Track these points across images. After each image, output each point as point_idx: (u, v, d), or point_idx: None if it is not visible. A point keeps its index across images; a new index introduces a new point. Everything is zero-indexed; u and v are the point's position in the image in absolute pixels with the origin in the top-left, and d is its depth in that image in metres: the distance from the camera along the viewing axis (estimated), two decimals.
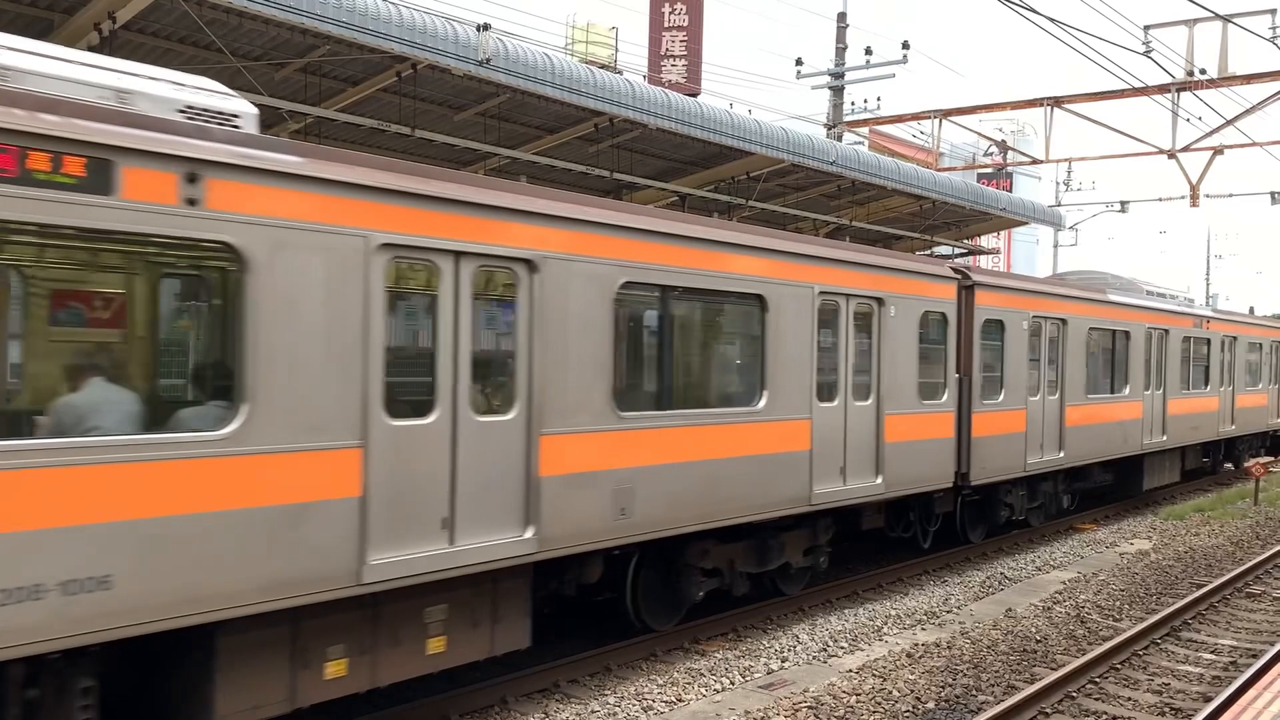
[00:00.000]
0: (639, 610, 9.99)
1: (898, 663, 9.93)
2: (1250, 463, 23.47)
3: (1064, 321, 16.01)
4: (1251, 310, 29.29)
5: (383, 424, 6.96)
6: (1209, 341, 22.44)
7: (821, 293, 11.00)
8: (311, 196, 6.61)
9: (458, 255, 7.48)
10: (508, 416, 7.88)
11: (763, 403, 10.32)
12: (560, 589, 9.15)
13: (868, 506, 12.46)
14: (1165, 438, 19.91)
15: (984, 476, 14.00)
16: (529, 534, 7.95)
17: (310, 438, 6.56)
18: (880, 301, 11.86)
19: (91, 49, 10.52)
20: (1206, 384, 22.41)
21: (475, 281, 7.63)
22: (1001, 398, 14.39)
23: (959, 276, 13.60)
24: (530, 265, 7.99)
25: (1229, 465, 26.59)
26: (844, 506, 11.67)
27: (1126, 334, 18.19)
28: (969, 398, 13.61)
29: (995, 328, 14.32)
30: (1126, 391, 18.25)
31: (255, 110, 7.01)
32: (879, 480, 11.85)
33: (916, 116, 24.39)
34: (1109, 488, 19.58)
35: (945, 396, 13.09)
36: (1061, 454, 16.05)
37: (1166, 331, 19.88)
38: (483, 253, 7.64)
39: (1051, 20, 13.53)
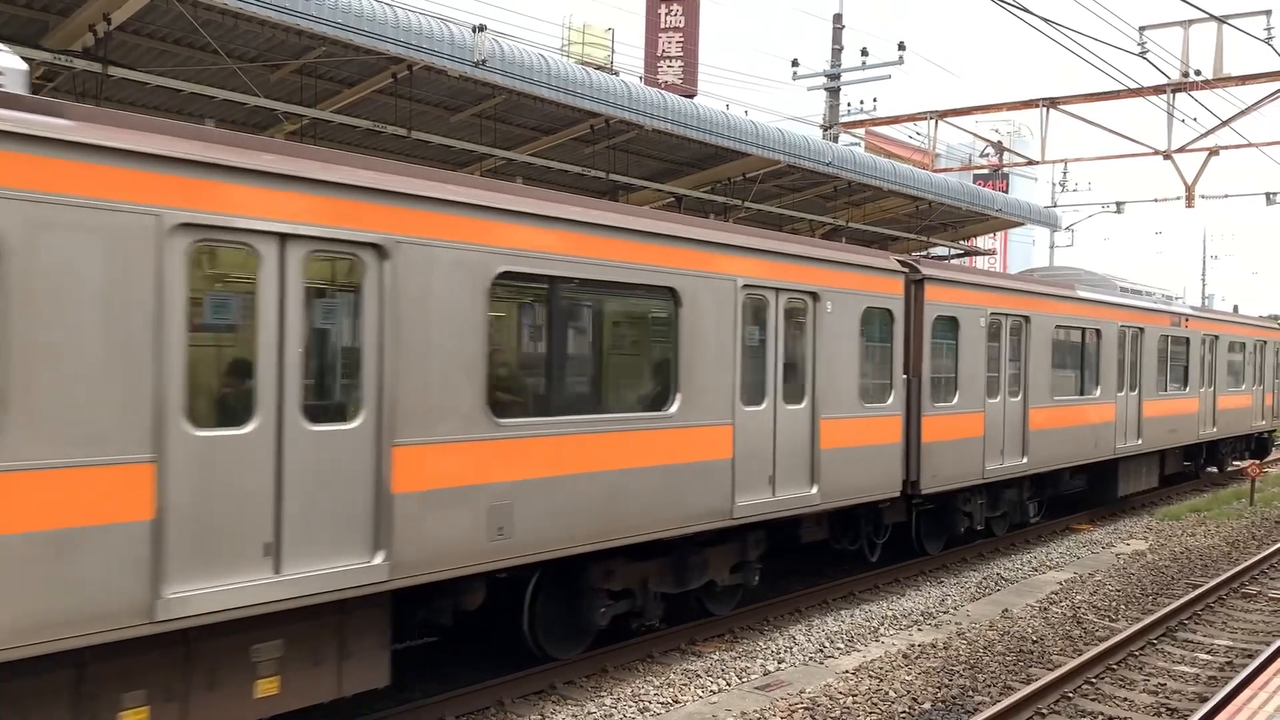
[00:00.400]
0: (537, 637, 9.15)
1: (894, 664, 9.93)
2: (1246, 463, 23.47)
3: (1026, 319, 15.06)
4: (1235, 309, 28.26)
5: (184, 434, 6.05)
6: (1188, 340, 21.49)
7: (746, 286, 10.08)
8: (86, 167, 5.67)
9: (283, 238, 6.56)
10: (351, 425, 6.95)
11: (674, 407, 9.38)
12: (431, 617, 8.23)
13: (806, 518, 11.58)
14: (1140, 441, 18.99)
15: (936, 484, 13.08)
16: (379, 559, 7.02)
17: (83, 451, 5.65)
18: (815, 296, 10.91)
19: (87, 50, 10.53)
20: (1185, 385, 21.43)
21: (307, 269, 6.69)
22: (956, 400, 13.44)
23: (906, 269, 12.70)
24: (380, 251, 7.07)
25: (1213, 469, 25.90)
26: (776, 519, 10.77)
27: (1097, 332, 17.27)
28: (919, 400, 12.72)
29: (948, 325, 13.36)
30: (1097, 393, 17.29)
31: (24, 66, 6.17)
32: (814, 490, 10.92)
33: (913, 118, 24.40)
34: (1082, 494, 18.84)
35: (891, 399, 12.15)
36: (1025, 460, 15.05)
37: (1142, 330, 19.04)
38: (316, 235, 6.70)
39: (1046, 21, 13.55)
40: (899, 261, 12.65)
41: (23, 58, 10.33)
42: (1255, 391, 26.43)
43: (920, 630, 11.36)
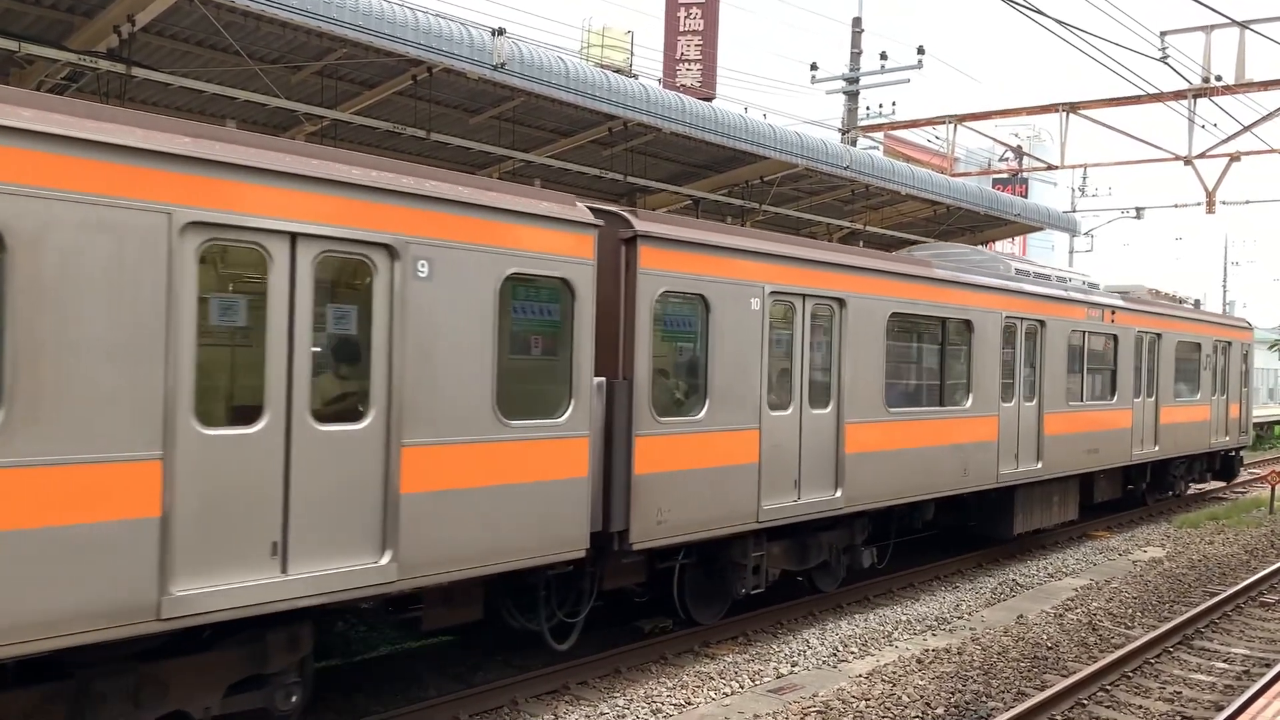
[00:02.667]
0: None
1: (908, 668, 9.92)
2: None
3: (839, 302, 11.26)
4: (1197, 303, 23.17)
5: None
6: (1115, 338, 17.55)
7: (203, 231, 6.30)
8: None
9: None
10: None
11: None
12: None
13: (374, 598, 7.53)
14: (1040, 465, 15.17)
15: (665, 534, 9.27)
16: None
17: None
18: (392, 252, 7.12)
19: (111, 51, 10.64)
20: (1113, 394, 17.52)
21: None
22: (705, 413, 9.67)
23: (599, 222, 8.70)
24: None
25: (1170, 493, 21.80)
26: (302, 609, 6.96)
27: (967, 324, 13.48)
28: (629, 413, 8.95)
29: (690, 306, 9.72)
30: (969, 404, 13.47)
31: None
32: (384, 560, 7.02)
33: (931, 121, 24.33)
34: (958, 530, 15.47)
35: (569, 412, 8.37)
36: (837, 493, 11.20)
37: (1041, 323, 15.19)
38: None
39: (1066, 26, 13.51)
40: (589, 208, 8.83)
41: (48, 59, 10.51)
42: (1215, 402, 21.97)
43: (934, 635, 11.34)
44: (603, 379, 8.95)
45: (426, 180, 7.46)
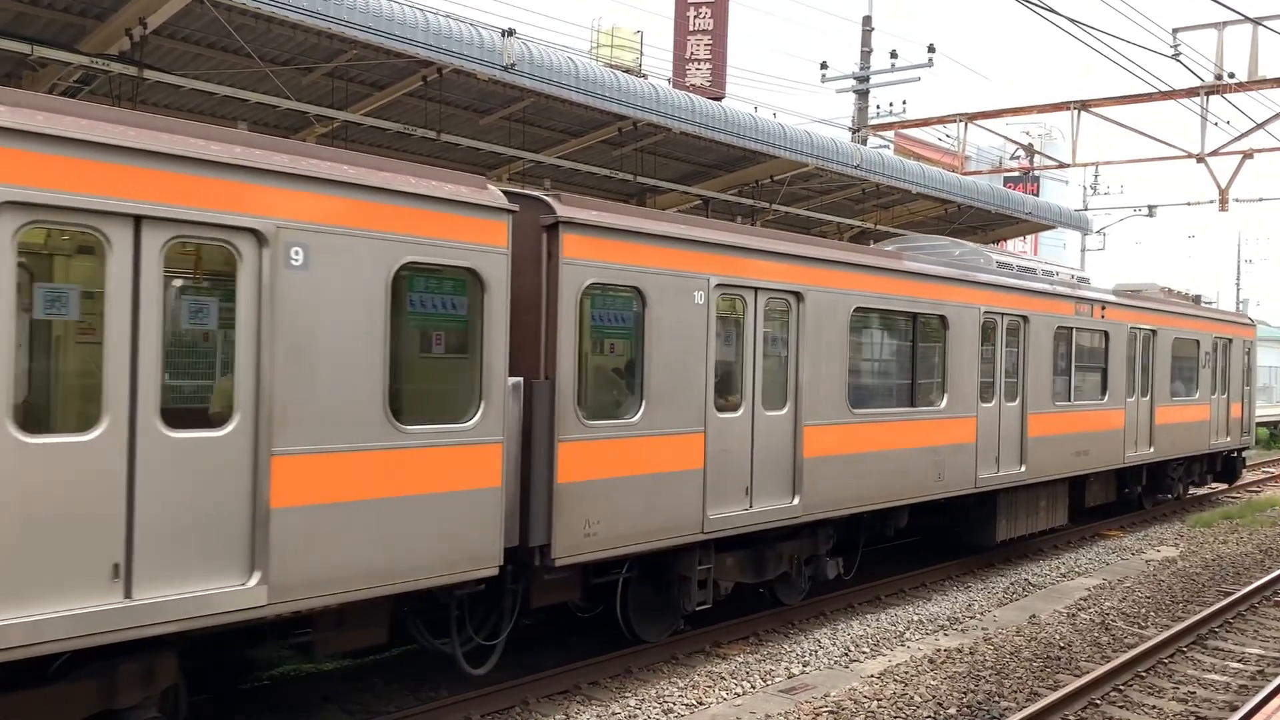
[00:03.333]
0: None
1: (920, 668, 9.90)
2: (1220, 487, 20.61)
3: (796, 295, 10.52)
4: (1197, 299, 22.28)
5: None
6: (1106, 335, 16.73)
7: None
8: None
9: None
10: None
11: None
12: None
13: (243, 625, 6.65)
14: (1023, 469, 14.35)
15: (592, 548, 8.53)
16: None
17: None
18: (259, 238, 6.40)
19: (123, 54, 10.69)
20: (1104, 393, 16.69)
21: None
22: (641, 415, 8.93)
23: (513, 208, 7.91)
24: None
25: (1169, 496, 20.79)
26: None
27: (942, 319, 12.74)
28: (551, 416, 8.21)
29: (624, 300, 9.04)
30: (943, 405, 12.71)
31: None
32: (252, 583, 6.35)
33: (942, 120, 24.28)
34: (936, 537, 14.91)
35: (478, 416, 7.61)
36: (795, 500, 10.46)
37: (1024, 319, 14.40)
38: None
39: (1076, 22, 13.47)
40: (504, 191, 8.07)
41: (60, 62, 10.57)
42: (1215, 401, 21.09)
43: (946, 635, 11.31)
44: (520, 379, 8.12)
45: (303, 158, 6.69)
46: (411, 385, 7.54)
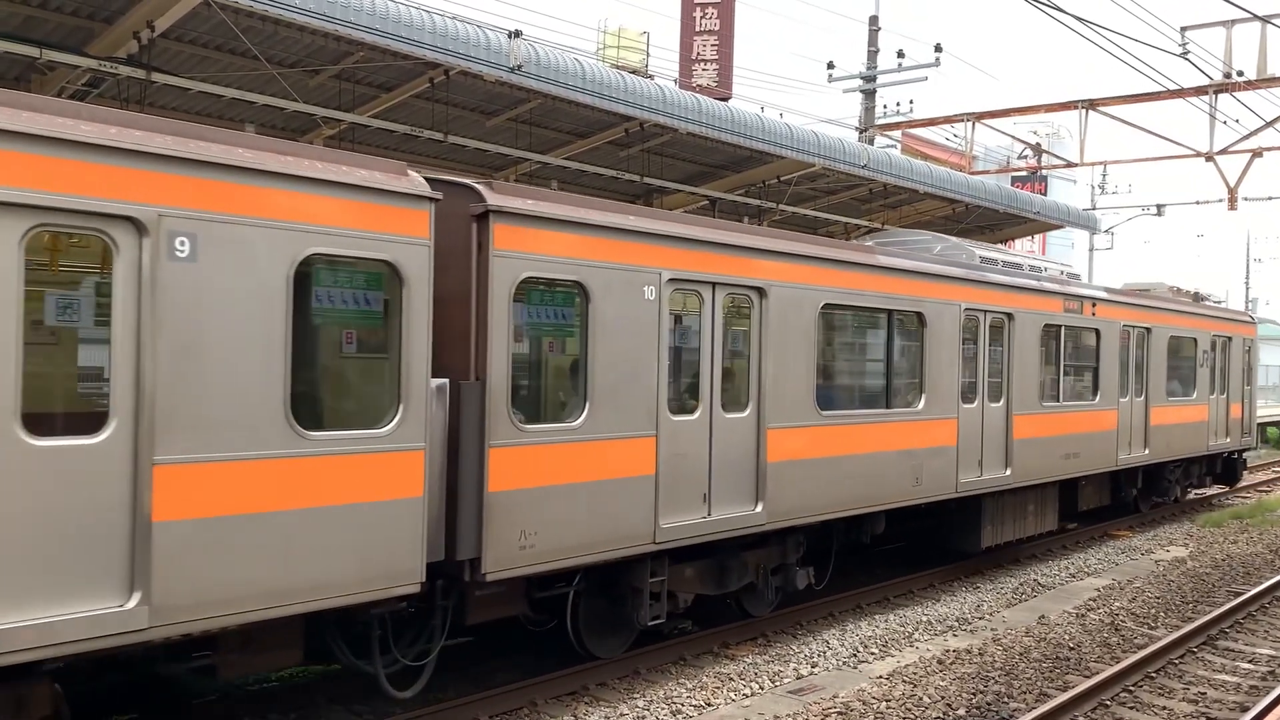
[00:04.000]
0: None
1: (929, 669, 9.88)
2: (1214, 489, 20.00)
3: (759, 291, 10.01)
4: (1196, 296, 21.71)
5: None
6: (1098, 333, 16.13)
7: None
8: None
9: None
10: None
11: None
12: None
13: (123, 649, 6.11)
14: (1009, 472, 13.79)
15: (529, 560, 7.98)
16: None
17: None
18: (138, 227, 5.91)
19: (131, 57, 10.72)
20: (1095, 393, 16.09)
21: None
22: (584, 418, 8.40)
23: (435, 195, 7.32)
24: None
25: (1167, 498, 20.15)
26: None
27: (920, 316, 12.20)
28: (480, 421, 7.64)
29: (564, 296, 8.50)
30: (921, 406, 12.18)
31: None
32: (131, 604, 5.84)
33: (949, 119, 24.22)
34: (925, 541, 14.48)
35: (396, 421, 7.05)
36: (758, 508, 9.94)
37: (1009, 316, 13.86)
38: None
39: (1084, 21, 13.43)
40: (426, 178, 7.50)
41: (69, 65, 10.60)
42: (1214, 402, 20.51)
43: (955, 636, 11.28)
44: (446, 381, 7.54)
45: (190, 140, 6.10)
46: (319, 388, 7.06)
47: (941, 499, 12.68)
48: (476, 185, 7.83)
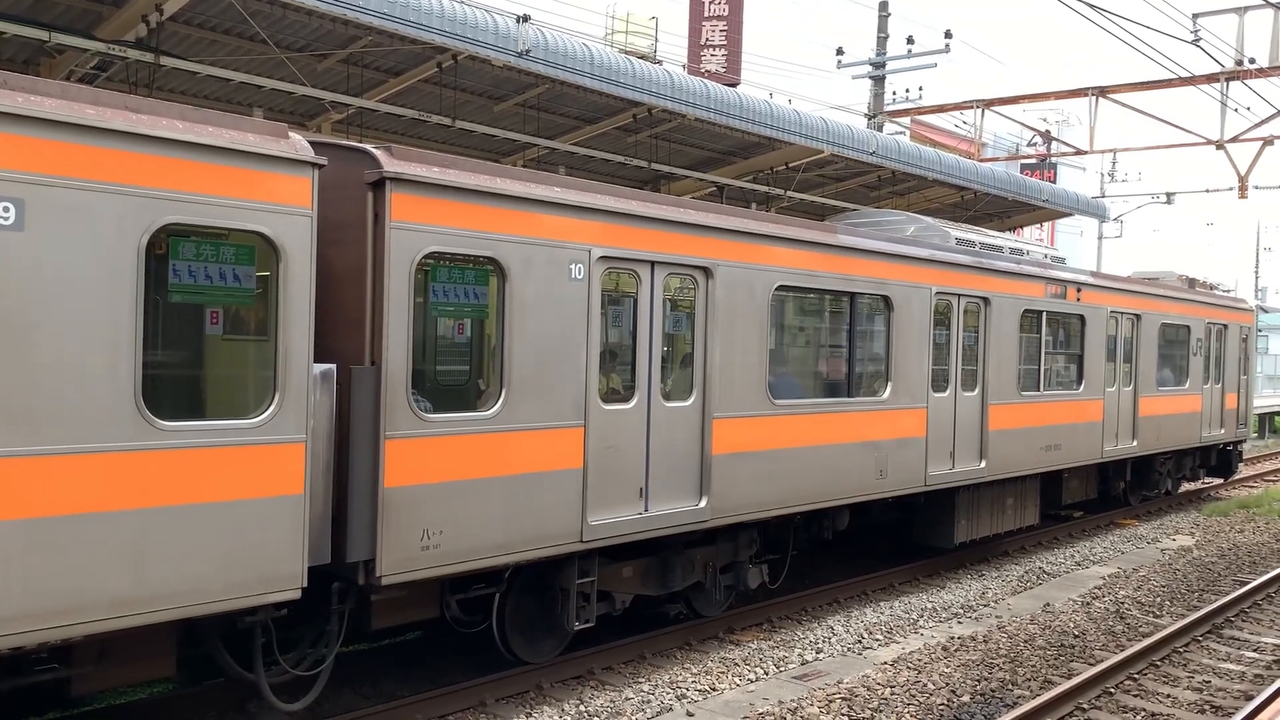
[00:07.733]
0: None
1: (933, 656, 9.90)
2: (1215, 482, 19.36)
3: (704, 271, 9.36)
4: (1191, 282, 20.79)
5: None
6: (1083, 319, 15.37)
7: None
8: None
9: None
10: None
11: None
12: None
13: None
14: (983, 465, 13.11)
15: (434, 562, 7.32)
16: None
17: None
18: None
19: (139, 40, 10.73)
20: (1079, 383, 15.37)
21: None
22: (499, 407, 7.71)
23: (320, 160, 6.60)
24: None
25: (1158, 492, 19.54)
26: None
27: (886, 300, 11.52)
28: (375, 410, 6.98)
29: (476, 273, 7.77)
30: (886, 395, 11.52)
31: None
32: None
33: (958, 106, 24.13)
34: (879, 538, 14.02)
35: (271, 410, 6.37)
36: (702, 503, 9.34)
37: (985, 300, 13.12)
38: None
39: (1094, 7, 13.35)
40: (311, 141, 6.76)
41: (78, 48, 10.61)
42: (1208, 391, 19.64)
43: (960, 623, 11.31)
44: (332, 366, 6.84)
45: (18, 94, 5.37)
46: (178, 374, 6.44)
47: (909, 493, 12.06)
48: (373, 150, 7.11)
